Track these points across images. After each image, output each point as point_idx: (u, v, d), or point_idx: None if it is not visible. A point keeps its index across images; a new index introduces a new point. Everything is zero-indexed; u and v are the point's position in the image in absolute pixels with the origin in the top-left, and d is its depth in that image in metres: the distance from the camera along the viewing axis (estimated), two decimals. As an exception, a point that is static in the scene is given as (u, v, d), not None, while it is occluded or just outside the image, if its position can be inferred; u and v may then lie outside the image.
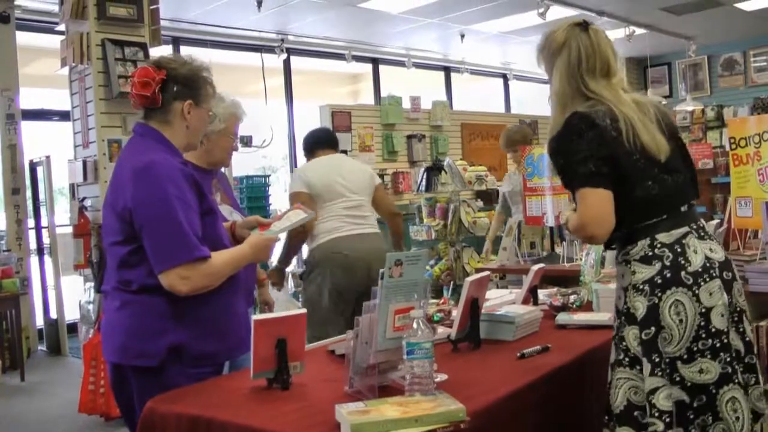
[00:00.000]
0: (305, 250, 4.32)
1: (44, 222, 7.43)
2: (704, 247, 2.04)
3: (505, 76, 13.07)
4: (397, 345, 1.83)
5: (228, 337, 2.27)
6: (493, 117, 12.04)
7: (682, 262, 2.00)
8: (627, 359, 2.04)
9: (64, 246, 6.51)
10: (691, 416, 1.95)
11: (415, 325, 1.75)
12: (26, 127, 7.39)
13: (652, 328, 1.98)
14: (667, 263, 2.00)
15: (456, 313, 2.37)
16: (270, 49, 9.34)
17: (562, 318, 2.67)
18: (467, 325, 2.36)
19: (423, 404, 1.61)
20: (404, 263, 1.80)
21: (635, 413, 2.00)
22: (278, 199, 8.80)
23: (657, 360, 1.98)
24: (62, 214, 7.37)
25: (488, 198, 9.30)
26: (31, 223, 7.43)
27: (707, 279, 1.99)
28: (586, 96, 2.14)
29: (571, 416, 2.16)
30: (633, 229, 2.07)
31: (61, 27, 5.80)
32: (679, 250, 2.02)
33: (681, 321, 1.96)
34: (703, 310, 1.96)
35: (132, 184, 2.13)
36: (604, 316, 2.64)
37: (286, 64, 9.67)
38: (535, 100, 13.92)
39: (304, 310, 2.02)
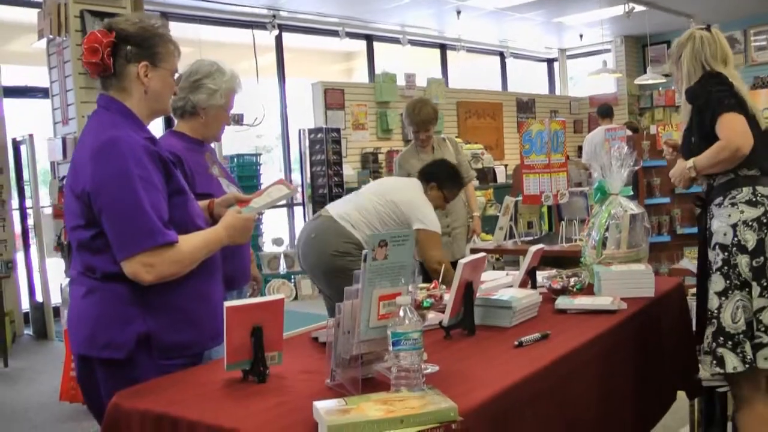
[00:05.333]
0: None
1: (29, 203, 7.23)
2: None
3: (502, 54, 12.85)
4: (382, 334, 1.66)
5: (202, 327, 2.09)
6: (489, 95, 11.85)
7: None
8: (738, 283, 2.59)
9: (49, 227, 6.30)
10: None
11: (401, 313, 1.58)
12: (8, 104, 7.15)
13: (761, 258, 2.57)
14: (761, 208, 2.61)
15: (448, 298, 2.20)
16: (261, 26, 9.11)
17: (562, 302, 2.51)
18: (461, 310, 2.19)
19: (410, 402, 1.44)
20: (389, 244, 1.63)
21: (747, 328, 2.55)
22: (270, 178, 8.61)
23: (765, 284, 2.57)
24: (47, 196, 7.17)
25: (484, 176, 9.14)
26: (15, 204, 7.23)
27: None
28: (710, 74, 2.76)
29: (573, 410, 1.99)
30: (737, 176, 2.67)
31: (39, -2, 5.59)
32: None
33: None
34: None
35: (91, 163, 1.94)
36: (606, 300, 2.48)
37: (278, 40, 9.44)
38: (532, 78, 13.74)
39: (282, 296, 1.85)
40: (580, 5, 9.81)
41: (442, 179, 4.02)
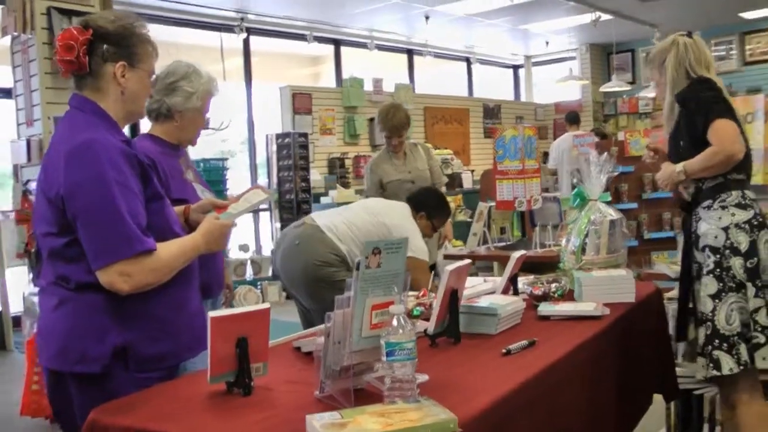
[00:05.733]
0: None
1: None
2: None
3: (468, 60, 12.89)
4: (374, 344, 1.62)
5: (179, 337, 2.02)
6: (456, 101, 11.88)
7: (764, 212, 2.69)
8: (733, 285, 2.60)
9: (9, 234, 6.10)
10: None
11: (395, 322, 1.54)
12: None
13: (755, 259, 2.61)
14: (757, 211, 2.67)
15: (434, 305, 2.16)
16: (229, 29, 9.00)
17: (545, 309, 2.48)
18: (446, 317, 2.16)
19: (407, 414, 1.40)
20: (383, 251, 1.59)
21: (743, 329, 2.57)
22: (236, 183, 8.51)
23: (759, 285, 2.60)
24: (6, 200, 6.95)
25: (452, 182, 9.14)
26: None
27: None
28: (699, 80, 2.76)
29: (562, 417, 1.97)
30: (727, 180, 2.69)
31: (3, -8, 5.43)
32: (758, 204, 2.70)
33: None
34: None
35: (65, 166, 1.86)
36: (589, 306, 2.46)
37: (246, 44, 9.34)
38: (497, 84, 13.80)
39: (267, 305, 1.79)
40: (547, 13, 9.89)
41: (431, 209, 4.02)
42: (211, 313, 1.70)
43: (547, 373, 1.89)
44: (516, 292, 2.70)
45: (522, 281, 2.87)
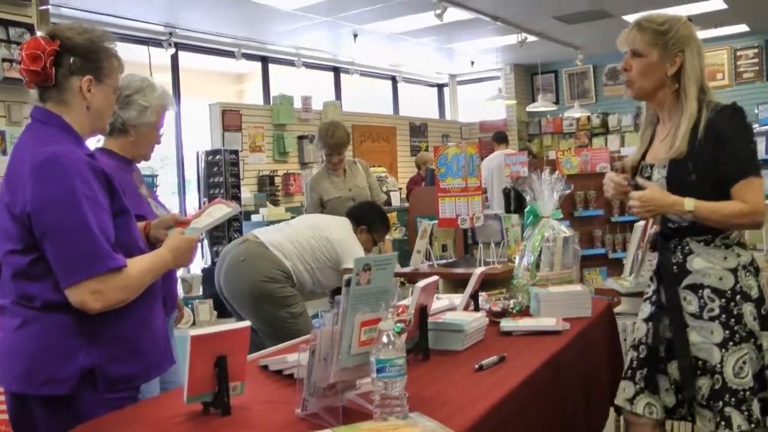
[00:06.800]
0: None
1: None
2: None
3: (394, 78, 13.00)
4: (361, 361, 1.60)
5: (146, 356, 1.96)
6: (383, 119, 11.95)
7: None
8: (744, 334, 2.23)
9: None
10: None
11: (385, 339, 1.53)
12: None
13: None
14: (749, 251, 2.32)
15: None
16: (158, 43, 8.83)
17: (508, 324, 2.51)
18: (416, 334, 2.16)
19: (404, 430, 1.39)
20: (373, 268, 1.57)
21: (755, 383, 2.22)
22: (164, 201, 8.32)
23: None
24: None
25: (388, 199, 9.17)
26: None
27: None
28: (703, 89, 2.27)
29: (536, 429, 1.99)
30: None
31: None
32: None
33: None
34: None
35: (31, 181, 1.78)
36: (550, 321, 2.50)
37: (174, 60, 9.17)
38: (422, 103, 13.96)
39: (247, 323, 1.75)
40: (475, 32, 10.07)
41: (371, 223, 4.14)
42: (192, 332, 1.65)
43: (522, 387, 1.91)
44: (477, 309, 2.72)
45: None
